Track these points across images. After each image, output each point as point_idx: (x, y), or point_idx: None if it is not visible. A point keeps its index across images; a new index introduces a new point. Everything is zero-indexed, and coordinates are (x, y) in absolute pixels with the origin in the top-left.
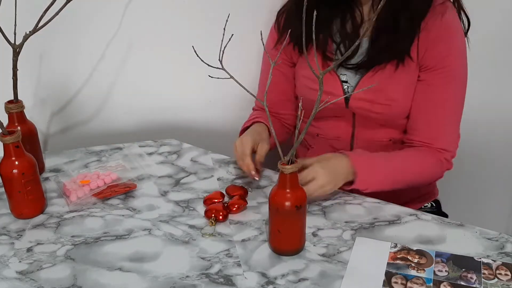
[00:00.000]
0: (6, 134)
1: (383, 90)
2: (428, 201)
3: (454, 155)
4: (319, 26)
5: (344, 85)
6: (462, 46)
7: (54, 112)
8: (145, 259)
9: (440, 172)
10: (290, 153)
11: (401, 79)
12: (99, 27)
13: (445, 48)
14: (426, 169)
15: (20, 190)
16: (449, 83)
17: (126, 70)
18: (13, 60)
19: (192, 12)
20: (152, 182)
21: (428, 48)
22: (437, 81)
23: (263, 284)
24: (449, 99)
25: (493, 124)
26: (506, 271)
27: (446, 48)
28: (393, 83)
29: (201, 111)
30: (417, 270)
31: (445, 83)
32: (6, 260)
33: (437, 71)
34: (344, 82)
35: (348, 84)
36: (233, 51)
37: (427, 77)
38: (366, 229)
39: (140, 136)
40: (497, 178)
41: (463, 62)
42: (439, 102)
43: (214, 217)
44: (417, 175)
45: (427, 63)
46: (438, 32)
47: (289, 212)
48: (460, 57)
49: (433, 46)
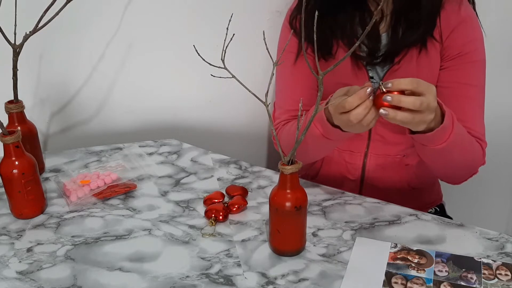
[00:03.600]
0: (6, 134)
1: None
2: (433, 206)
3: (486, 146)
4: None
5: (371, 81)
6: (480, 35)
7: (54, 112)
8: (145, 259)
9: (479, 163)
10: (290, 154)
11: (425, 66)
12: (99, 27)
13: (466, 35)
14: (477, 153)
15: (20, 190)
16: (475, 69)
17: (126, 70)
18: (13, 60)
19: (192, 12)
20: (152, 182)
21: (449, 35)
22: (463, 66)
23: (263, 284)
24: (478, 85)
25: (493, 124)
26: (506, 271)
27: (466, 36)
28: (418, 71)
29: (201, 111)
30: (417, 270)
31: (471, 68)
32: (6, 260)
33: (461, 58)
34: (371, 78)
35: (374, 80)
36: (234, 51)
37: (452, 64)
38: (366, 229)
39: (140, 136)
40: (497, 178)
41: (483, 50)
42: (470, 88)
43: (214, 217)
44: (472, 155)
45: (450, 51)
46: (458, 21)
47: (288, 213)
48: (481, 45)
49: (455, 33)
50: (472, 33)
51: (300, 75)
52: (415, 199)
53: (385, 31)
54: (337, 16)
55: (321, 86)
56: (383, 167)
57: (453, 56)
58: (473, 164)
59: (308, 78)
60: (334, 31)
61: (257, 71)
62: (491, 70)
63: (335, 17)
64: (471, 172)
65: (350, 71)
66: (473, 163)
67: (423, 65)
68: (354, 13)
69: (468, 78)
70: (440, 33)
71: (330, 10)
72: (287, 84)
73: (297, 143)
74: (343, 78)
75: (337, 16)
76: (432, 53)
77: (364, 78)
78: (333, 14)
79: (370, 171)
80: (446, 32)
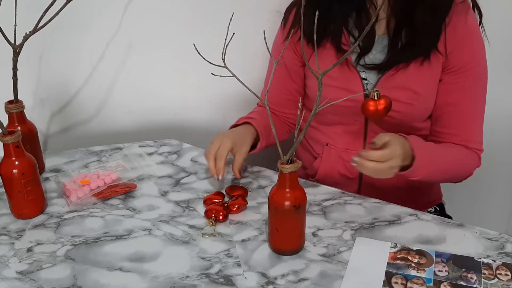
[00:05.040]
0: (6, 134)
1: (405, 87)
2: (433, 205)
3: (482, 152)
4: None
5: (364, 82)
6: (483, 48)
7: (54, 112)
8: (145, 259)
9: (473, 169)
10: (289, 153)
11: (425, 75)
12: (99, 27)
13: (471, 49)
14: (468, 165)
15: (20, 190)
16: (476, 84)
17: (126, 70)
18: (13, 60)
19: (192, 12)
20: (152, 182)
21: (455, 48)
22: (466, 83)
23: (263, 284)
24: (478, 99)
25: (494, 124)
26: (506, 271)
27: (472, 50)
28: (417, 79)
29: (201, 111)
30: (417, 270)
31: (472, 85)
32: (6, 260)
33: (464, 73)
34: (364, 80)
35: (367, 82)
36: (234, 51)
37: (454, 79)
38: (366, 229)
39: (140, 136)
40: (497, 178)
41: (486, 63)
42: (470, 103)
43: (214, 217)
44: (462, 170)
45: (453, 64)
46: (464, 33)
47: (287, 212)
48: (483, 58)
49: (460, 47)
50: (477, 48)
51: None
52: (414, 198)
53: (382, 33)
54: (331, 10)
55: (321, 86)
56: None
57: (455, 71)
58: (465, 173)
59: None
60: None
61: (257, 70)
62: (491, 70)
63: (329, 10)
64: (465, 176)
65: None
66: (465, 172)
67: (423, 73)
68: (349, 9)
69: (470, 93)
70: (444, 45)
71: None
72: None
73: (296, 142)
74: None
75: (331, 9)
76: (434, 63)
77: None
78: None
79: None
80: (451, 45)
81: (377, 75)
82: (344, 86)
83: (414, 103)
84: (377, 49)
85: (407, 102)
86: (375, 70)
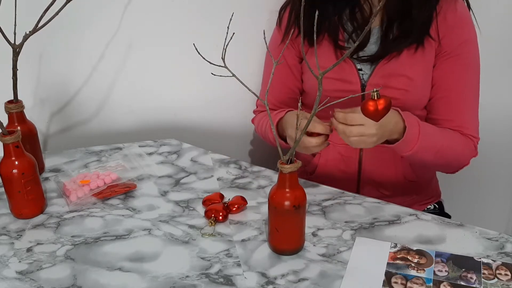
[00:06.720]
0: (6, 134)
1: (400, 74)
2: (432, 202)
3: (478, 141)
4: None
5: (360, 72)
6: (475, 35)
7: (54, 112)
8: (145, 259)
9: (469, 157)
10: (289, 153)
11: (419, 61)
12: (99, 27)
13: (462, 34)
14: (463, 150)
15: (20, 190)
16: (468, 71)
17: (126, 70)
18: (13, 60)
19: (192, 12)
20: (152, 182)
21: (446, 33)
22: (457, 67)
23: (263, 284)
24: (471, 86)
25: (493, 124)
26: (506, 271)
27: (462, 34)
28: (411, 66)
29: (201, 111)
30: (417, 270)
31: (464, 70)
32: (6, 260)
33: (455, 57)
34: (359, 70)
35: (363, 72)
36: (234, 51)
37: (446, 63)
38: (366, 229)
39: (140, 136)
40: (497, 178)
41: (477, 52)
42: (463, 88)
43: (214, 217)
44: (456, 154)
45: (445, 48)
46: (454, 19)
47: (287, 212)
48: (475, 47)
49: (451, 31)
50: (467, 33)
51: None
52: (412, 193)
53: (376, 25)
54: (327, 7)
55: (321, 86)
56: (378, 159)
57: (447, 54)
58: (461, 159)
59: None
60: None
61: (257, 70)
62: (491, 70)
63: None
64: (461, 164)
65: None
66: (461, 158)
67: (417, 59)
68: (344, 5)
69: (462, 78)
70: (437, 31)
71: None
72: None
73: (296, 142)
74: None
75: (327, 6)
76: (428, 49)
77: (351, 68)
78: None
79: (366, 163)
80: (442, 30)
81: (371, 64)
82: (341, 77)
83: (409, 89)
84: (370, 41)
85: (402, 88)
86: (369, 62)
